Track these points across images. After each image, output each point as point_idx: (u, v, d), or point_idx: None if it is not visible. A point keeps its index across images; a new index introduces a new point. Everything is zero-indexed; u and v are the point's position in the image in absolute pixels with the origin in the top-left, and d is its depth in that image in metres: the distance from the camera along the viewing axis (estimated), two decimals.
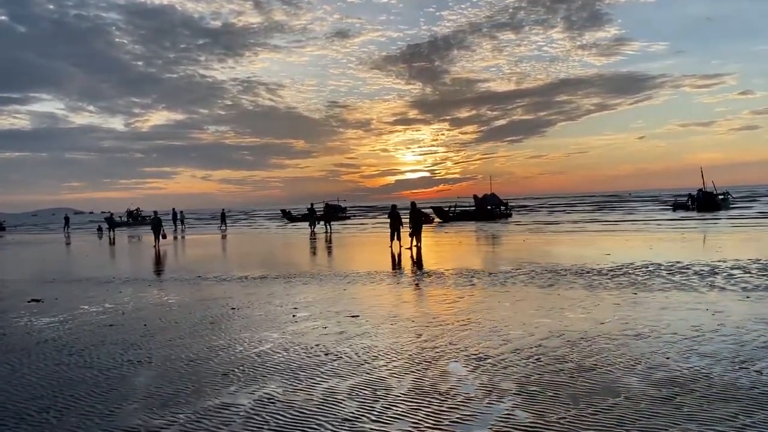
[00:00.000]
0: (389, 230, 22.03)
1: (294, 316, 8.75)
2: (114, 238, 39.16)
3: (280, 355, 6.44)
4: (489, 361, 5.89)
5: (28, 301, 11.28)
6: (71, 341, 7.59)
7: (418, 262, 16.15)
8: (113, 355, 6.79)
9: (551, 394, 4.87)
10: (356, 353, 6.39)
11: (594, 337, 6.75)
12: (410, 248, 20.29)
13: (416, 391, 5.05)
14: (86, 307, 10.41)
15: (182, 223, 50.67)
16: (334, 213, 48.42)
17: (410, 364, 5.88)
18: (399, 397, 4.92)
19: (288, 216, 59.63)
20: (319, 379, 5.52)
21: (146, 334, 7.89)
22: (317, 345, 6.84)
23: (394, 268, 15.20)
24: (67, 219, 55.86)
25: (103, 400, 5.16)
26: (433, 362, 5.91)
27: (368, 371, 5.70)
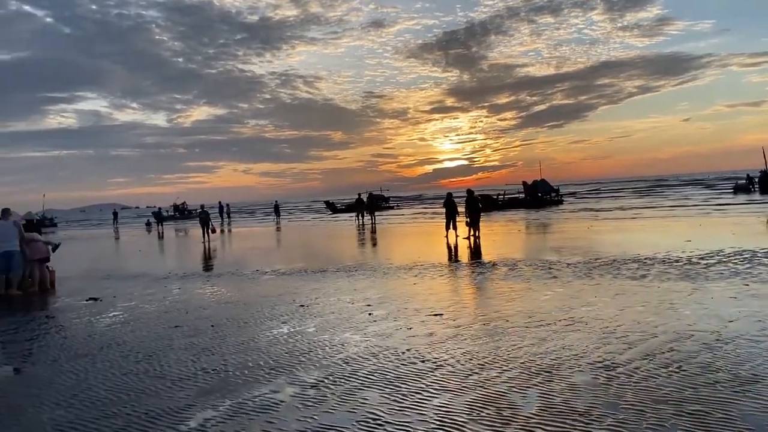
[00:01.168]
0: (444, 219, 21.20)
1: (370, 314, 8.01)
2: (163, 232, 39.32)
3: (371, 363, 5.69)
4: (620, 370, 5.01)
5: (86, 300, 10.85)
6: (137, 345, 7.00)
7: (480, 253, 15.25)
8: (185, 362, 6.15)
9: (721, 415, 3.98)
10: (457, 361, 5.60)
11: (732, 338, 5.80)
12: (468, 238, 19.42)
13: (550, 411, 4.22)
14: (146, 305, 9.89)
15: (228, 216, 50.75)
16: (377, 203, 47.69)
17: (528, 375, 5.05)
18: (532, 419, 4.10)
19: (332, 207, 59.26)
20: (426, 394, 4.74)
21: (215, 336, 7.26)
22: (408, 350, 6.06)
23: (457, 259, 14.35)
24: (115, 214, 56.85)
25: (183, 420, 4.49)
26: (554, 372, 5.07)
27: (481, 384, 4.89)
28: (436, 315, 7.70)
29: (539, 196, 45.41)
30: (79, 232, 51.01)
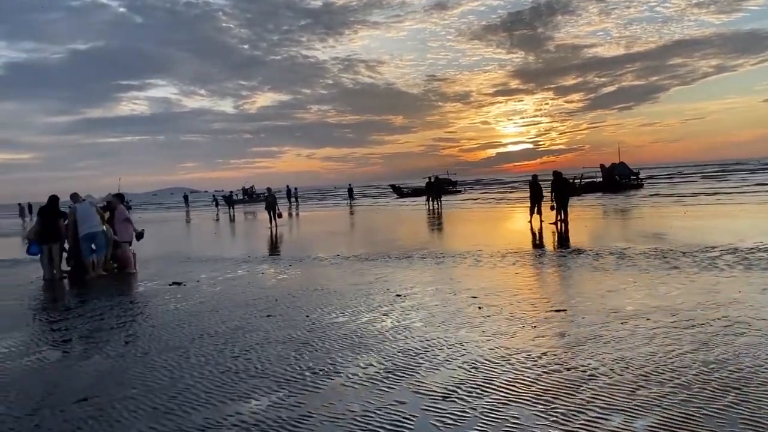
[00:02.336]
0: (529, 203, 20.05)
1: (480, 308, 7.15)
2: (234, 215, 39.60)
3: (505, 369, 4.84)
4: None
5: (170, 284, 10.46)
6: (230, 338, 6.40)
7: (572, 240, 14.09)
8: (286, 358, 5.48)
9: None
10: (611, 369, 4.67)
11: None
12: (555, 223, 18.22)
13: None
14: (232, 291, 9.37)
15: (296, 199, 50.83)
16: (444, 187, 46.57)
17: (712, 392, 4.08)
18: None
19: (397, 191, 58.54)
20: (590, 413, 3.86)
21: (313, 328, 6.58)
22: (544, 354, 5.18)
23: (552, 246, 13.26)
24: (186, 197, 57.94)
25: None
26: (748, 390, 4.08)
27: (657, 403, 3.96)
28: (558, 311, 6.77)
29: (617, 179, 43.18)
30: (153, 215, 52.27)
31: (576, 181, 43.36)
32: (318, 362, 5.31)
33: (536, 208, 19.58)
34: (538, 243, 14.24)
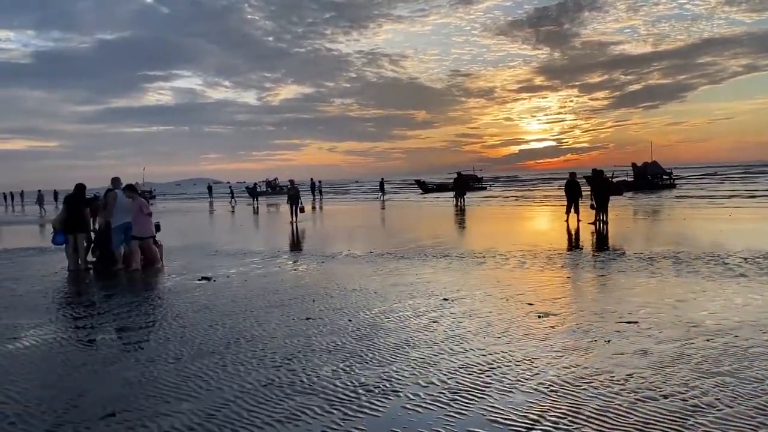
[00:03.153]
0: (566, 202, 19.28)
1: (540, 316, 6.52)
2: (257, 207, 39.26)
3: (589, 394, 4.20)
4: None
5: (199, 280, 9.97)
6: (270, 343, 5.85)
7: (614, 242, 13.34)
8: (335, 371, 4.91)
9: None
10: (718, 400, 4.02)
11: None
12: (594, 223, 17.45)
13: None
14: (265, 289, 8.83)
15: (320, 193, 50.36)
16: (469, 183, 45.70)
17: None
18: None
19: (423, 186, 57.87)
20: None
21: (359, 335, 6.00)
22: (630, 377, 4.53)
23: (598, 248, 12.53)
24: (210, 188, 57.80)
25: None
26: None
27: None
28: (630, 323, 6.10)
29: (648, 179, 42.04)
30: (177, 205, 52.22)
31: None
32: (371, 377, 4.73)
33: (573, 207, 18.81)
34: (581, 244, 13.53)
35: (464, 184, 35.03)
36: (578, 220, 18.30)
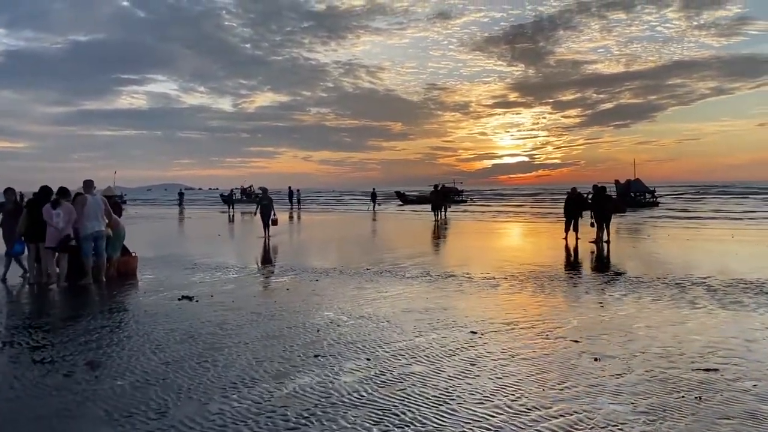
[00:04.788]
0: (564, 218, 18.40)
1: (597, 359, 5.48)
2: (233, 216, 37.78)
3: None
4: None
5: (179, 299, 8.73)
6: (276, 391, 4.69)
7: (626, 264, 12.44)
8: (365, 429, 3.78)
9: None
10: None
11: None
12: (595, 242, 16.59)
13: None
14: (258, 313, 7.65)
15: (299, 202, 48.95)
16: (449, 196, 44.63)
17: None
18: None
19: (403, 198, 56.92)
20: None
21: (386, 382, 4.88)
22: None
23: (614, 271, 11.56)
24: (181, 194, 55.70)
25: None
26: None
27: None
28: (708, 370, 5.09)
29: (632, 196, 41.69)
30: (149, 211, 50.36)
31: (588, 195, 41.89)
32: None
33: (573, 225, 17.94)
34: (594, 265, 12.59)
35: (443, 196, 33.38)
36: (577, 238, 17.44)
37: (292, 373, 5.17)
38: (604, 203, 17.14)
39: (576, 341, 6.14)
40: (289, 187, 49.29)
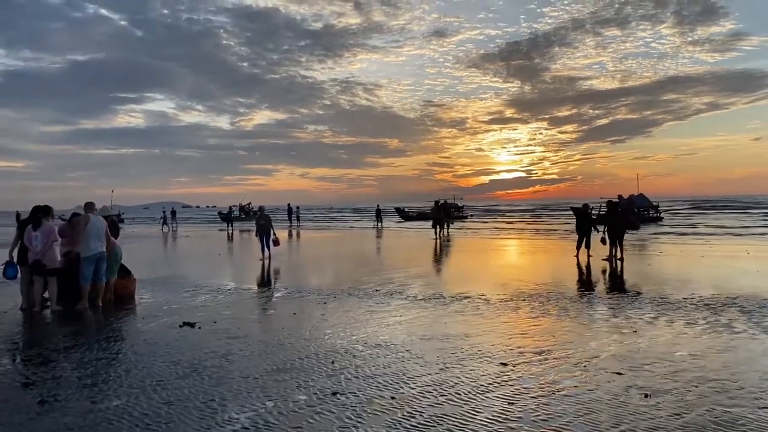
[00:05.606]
0: (576, 234, 17.88)
1: (647, 396, 4.92)
2: (232, 234, 37.21)
3: None
4: None
5: (180, 325, 8.19)
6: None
7: (644, 283, 11.90)
8: None
9: None
10: None
11: None
12: (608, 259, 16.09)
13: None
14: (264, 341, 7.10)
15: (298, 219, 48.41)
16: (450, 212, 43.99)
17: None
18: None
19: (403, 214, 56.42)
20: None
21: (414, 426, 4.32)
22: None
23: (623, 290, 11.01)
24: (173, 213, 54.15)
25: None
26: None
27: None
28: None
29: (635, 212, 41.18)
30: (145, 229, 49.76)
31: (593, 211, 41.43)
32: None
33: (585, 241, 17.43)
34: (611, 285, 12.04)
35: (446, 212, 32.78)
36: (589, 256, 16.93)
37: (310, 416, 4.61)
38: (617, 219, 16.65)
39: (618, 373, 5.60)
40: (288, 204, 48.78)
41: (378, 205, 45.64)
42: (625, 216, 17.60)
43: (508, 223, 51.23)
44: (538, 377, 5.53)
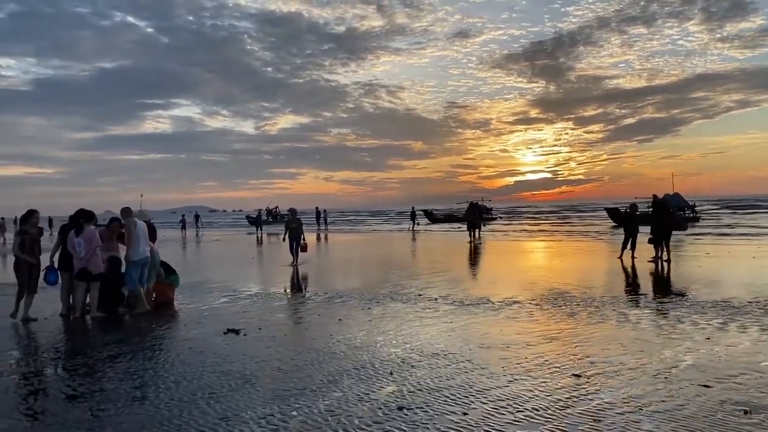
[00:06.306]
0: (623, 236, 17.29)
1: (746, 412, 4.47)
2: (261, 237, 37.17)
3: None
4: None
5: (224, 332, 7.90)
6: None
7: (701, 286, 11.32)
8: None
9: None
10: None
11: None
12: (653, 261, 15.49)
13: None
14: (316, 349, 6.76)
15: (326, 222, 48.26)
16: (482, 214, 43.46)
17: None
18: None
19: (431, 216, 55.98)
20: None
21: None
22: None
23: (680, 293, 10.45)
24: (197, 217, 54.14)
25: None
26: None
27: None
28: None
29: (671, 211, 40.18)
30: (171, 233, 50.07)
31: (627, 210, 40.55)
32: None
33: (631, 242, 16.84)
34: (670, 289, 11.49)
35: (480, 214, 32.84)
36: (633, 257, 16.35)
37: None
38: (664, 218, 16.04)
39: (706, 386, 5.14)
40: (317, 208, 48.68)
41: (413, 207, 45.19)
42: (672, 216, 16.94)
43: (536, 224, 50.43)
44: (617, 391, 5.10)
